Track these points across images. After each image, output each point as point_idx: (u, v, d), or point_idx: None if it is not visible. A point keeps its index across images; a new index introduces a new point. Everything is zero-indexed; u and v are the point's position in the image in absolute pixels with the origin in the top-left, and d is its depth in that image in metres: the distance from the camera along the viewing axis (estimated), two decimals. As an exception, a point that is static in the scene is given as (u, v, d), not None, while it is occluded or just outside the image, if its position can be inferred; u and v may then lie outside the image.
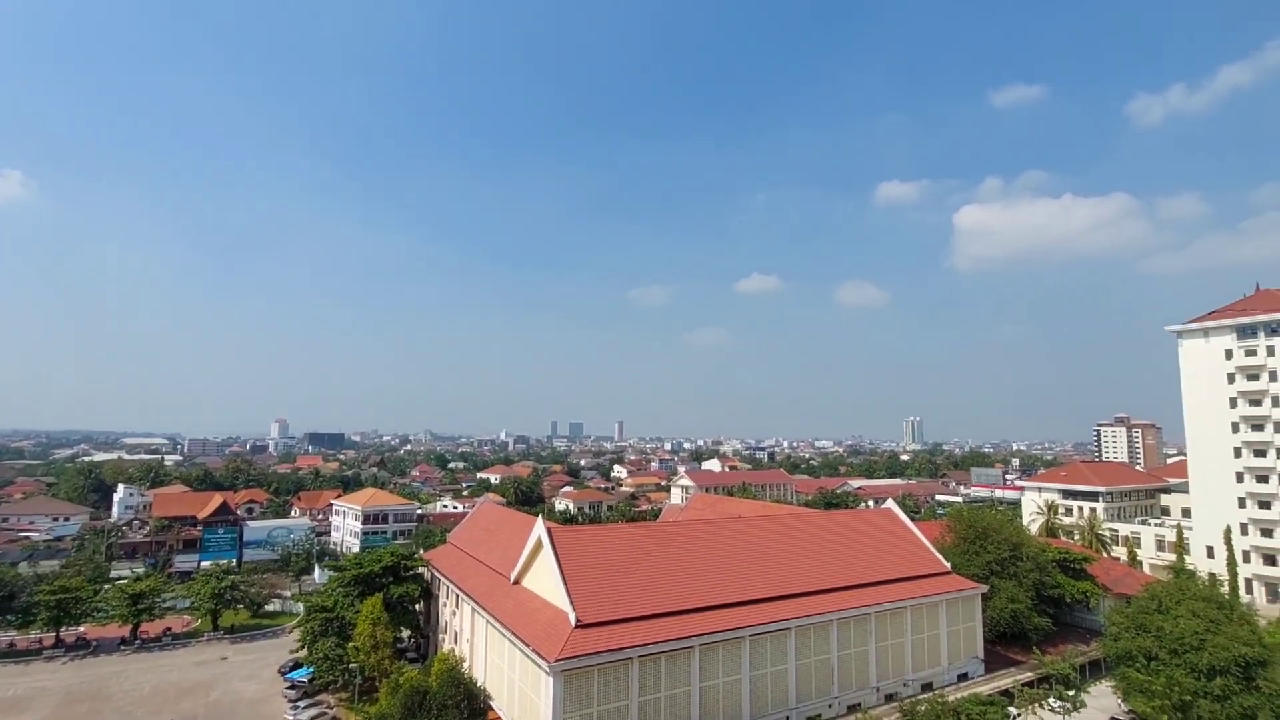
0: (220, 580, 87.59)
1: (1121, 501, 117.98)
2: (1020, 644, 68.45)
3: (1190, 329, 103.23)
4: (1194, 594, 55.40)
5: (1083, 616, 76.36)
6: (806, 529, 66.72)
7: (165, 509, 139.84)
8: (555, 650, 42.43)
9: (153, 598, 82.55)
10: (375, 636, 59.82)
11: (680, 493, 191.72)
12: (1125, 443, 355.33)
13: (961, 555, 70.69)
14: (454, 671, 51.59)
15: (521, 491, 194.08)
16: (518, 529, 64.53)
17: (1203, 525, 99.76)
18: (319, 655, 63.16)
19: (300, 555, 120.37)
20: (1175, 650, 51.00)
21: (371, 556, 71.52)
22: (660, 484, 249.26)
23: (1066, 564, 74.54)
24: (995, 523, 75.02)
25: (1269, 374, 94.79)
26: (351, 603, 66.15)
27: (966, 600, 64.58)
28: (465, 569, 66.89)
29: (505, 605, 53.10)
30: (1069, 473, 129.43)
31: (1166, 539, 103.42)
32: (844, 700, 55.04)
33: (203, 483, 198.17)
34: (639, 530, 62.55)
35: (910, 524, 72.11)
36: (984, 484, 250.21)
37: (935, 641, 61.85)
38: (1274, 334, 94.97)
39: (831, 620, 54.94)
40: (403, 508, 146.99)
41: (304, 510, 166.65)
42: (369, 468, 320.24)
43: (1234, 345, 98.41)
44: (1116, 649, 55.42)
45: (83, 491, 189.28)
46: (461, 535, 78.62)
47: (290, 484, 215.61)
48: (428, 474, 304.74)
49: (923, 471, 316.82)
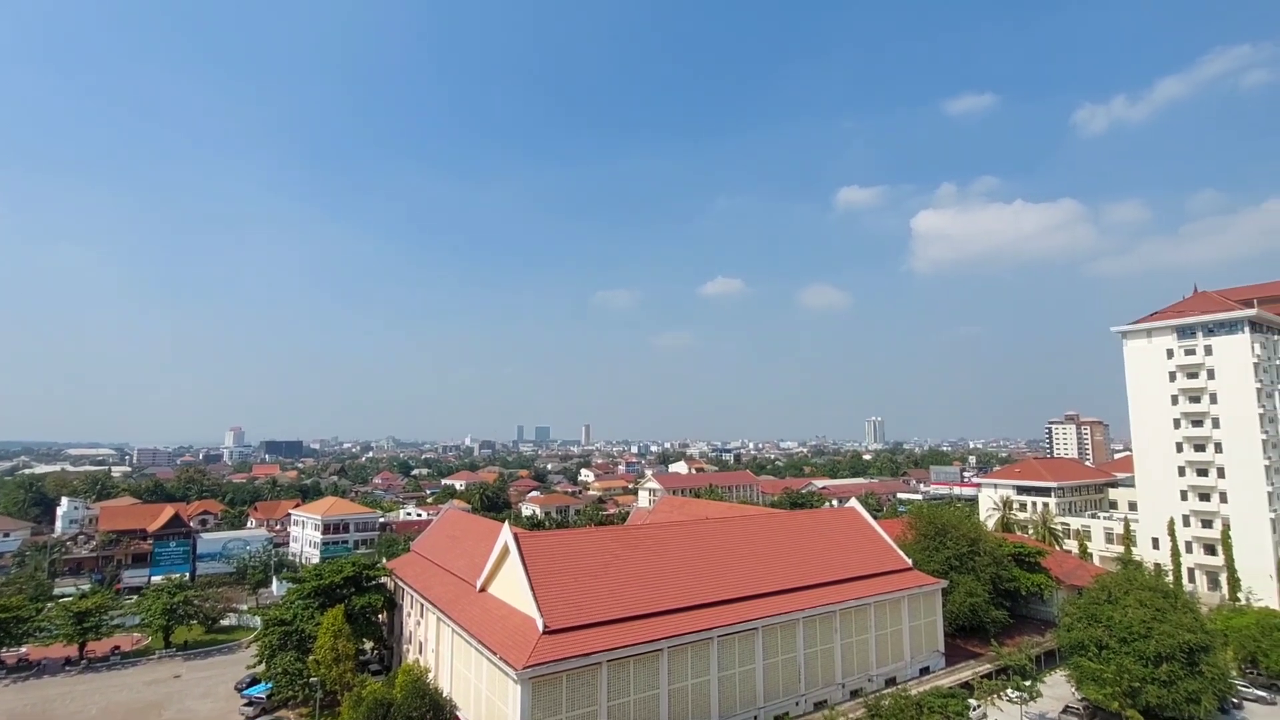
0: (172, 595, 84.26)
1: (1072, 496, 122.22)
2: (979, 637, 70.30)
3: (1134, 329, 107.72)
4: (1141, 584, 57.90)
5: (1038, 608, 78.76)
6: (772, 530, 67.45)
7: (113, 522, 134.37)
8: (523, 657, 42.03)
9: (100, 615, 78.95)
10: (337, 649, 58.30)
11: (648, 495, 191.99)
12: (1075, 439, 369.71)
13: (922, 551, 72.34)
14: (419, 682, 50.67)
15: (487, 497, 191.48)
16: (484, 535, 63.78)
17: (1148, 518, 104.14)
18: (278, 670, 61.25)
19: (257, 567, 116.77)
20: (1124, 639, 53.22)
21: (332, 567, 69.74)
22: (627, 487, 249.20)
23: (1021, 558, 76.69)
24: (954, 519, 76.94)
25: (1207, 372, 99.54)
26: (311, 615, 64.33)
27: (927, 595, 66.09)
28: (430, 577, 65.79)
29: (471, 613, 52.40)
30: (1022, 469, 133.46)
31: (1115, 532, 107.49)
32: (810, 698, 55.77)
33: (153, 494, 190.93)
34: (606, 534, 62.40)
35: (873, 522, 73.53)
36: (943, 481, 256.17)
37: (898, 637, 63.12)
38: (1211, 334, 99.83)
39: (797, 619, 55.63)
40: (364, 516, 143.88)
41: (261, 521, 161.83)
42: (329, 476, 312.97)
43: (1175, 345, 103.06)
44: (1069, 639, 57.52)
45: (23, 506, 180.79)
46: (426, 543, 77.33)
47: (246, 494, 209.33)
48: (390, 481, 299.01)
49: (884, 470, 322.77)
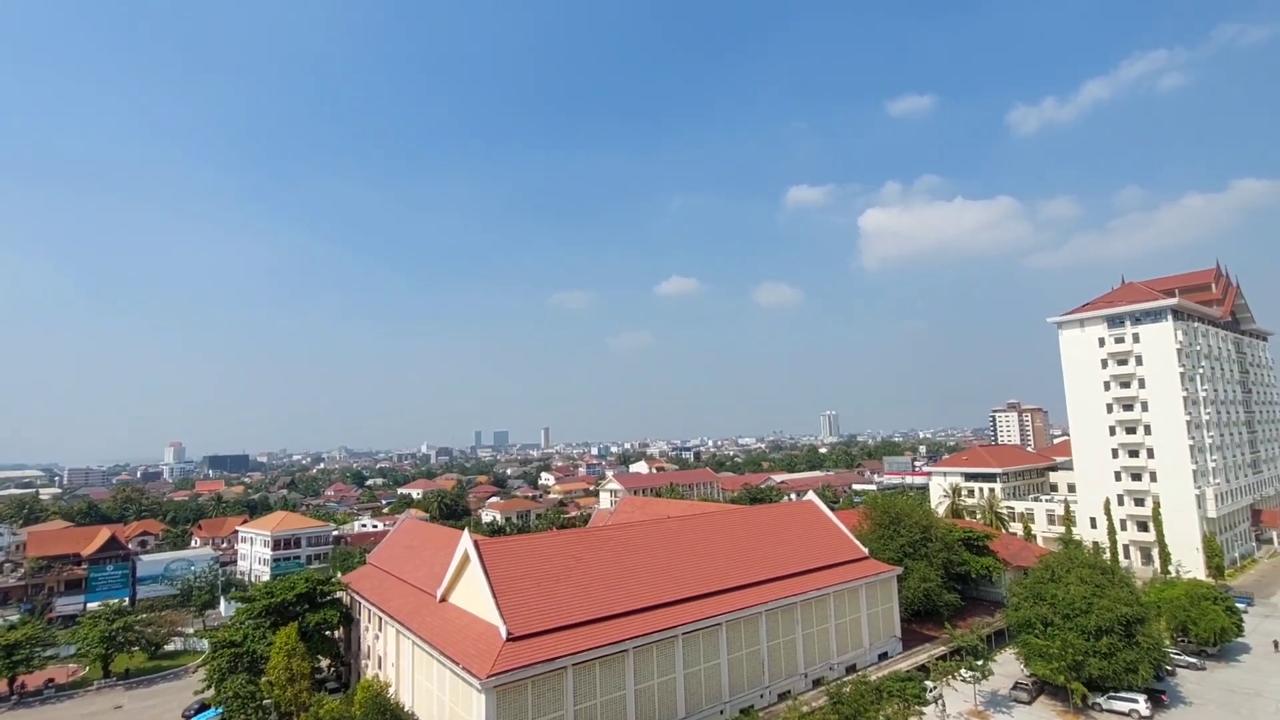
0: (111, 622, 79.75)
1: (1016, 481, 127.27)
2: (933, 620, 72.56)
3: (1068, 320, 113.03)
4: (1081, 562, 60.68)
5: (987, 590, 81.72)
6: (733, 525, 68.17)
7: (42, 548, 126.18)
8: (486, 666, 41.40)
9: (30, 647, 74.25)
10: (291, 669, 56.26)
11: (609, 497, 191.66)
12: (1017, 426, 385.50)
13: (878, 540, 74.25)
14: (379, 698, 49.35)
15: (446, 505, 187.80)
16: (443, 544, 62.55)
17: (1086, 499, 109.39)
18: (228, 694, 58.64)
19: (203, 588, 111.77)
20: (1067, 615, 55.71)
21: (284, 584, 67.23)
22: (588, 489, 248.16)
23: (971, 542, 79.42)
24: (907, 507, 79.28)
25: (1135, 359, 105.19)
26: (263, 634, 61.94)
27: (884, 583, 67.89)
28: (388, 590, 64.16)
29: (432, 624, 51.34)
30: (969, 457, 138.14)
31: (1056, 513, 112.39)
32: (774, 689, 56.62)
33: (87, 516, 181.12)
34: (569, 537, 62.00)
35: (830, 514, 75.08)
36: (895, 471, 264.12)
37: (857, 625, 64.65)
38: (1138, 323, 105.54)
39: (760, 612, 56.39)
40: (317, 530, 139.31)
41: (206, 540, 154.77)
42: (278, 490, 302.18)
43: (1105, 334, 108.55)
44: (1017, 618, 59.86)
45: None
46: (382, 555, 75.38)
47: (189, 512, 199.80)
48: (344, 493, 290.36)
49: (840, 463, 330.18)
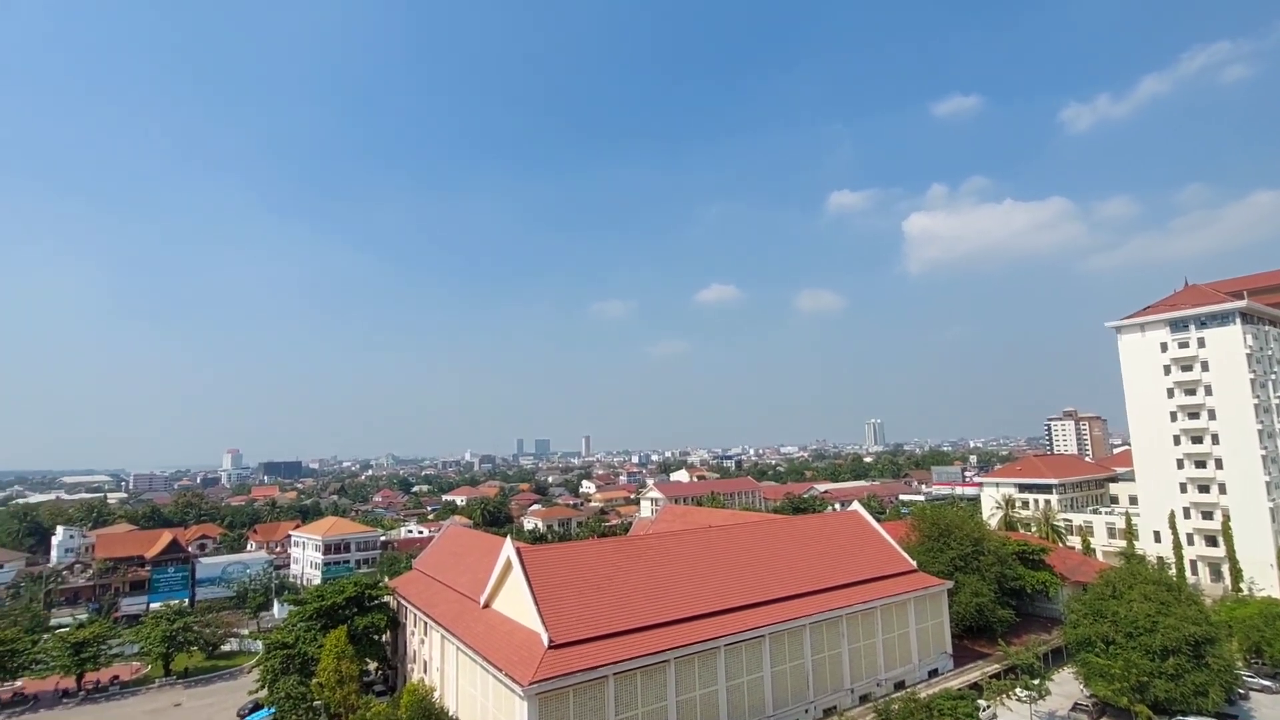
0: (171, 622, 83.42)
1: (1074, 492, 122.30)
2: (986, 637, 70.09)
3: (1128, 324, 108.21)
4: (1145, 578, 57.74)
5: (1043, 606, 78.58)
6: (776, 535, 67.21)
7: (109, 550, 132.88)
8: (529, 673, 41.66)
9: (97, 645, 78.03)
10: (340, 671, 57.63)
11: (649, 505, 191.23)
12: (1074, 435, 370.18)
13: (926, 553, 72.19)
14: (424, 702, 50.13)
15: (489, 512, 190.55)
16: (486, 551, 63.36)
17: (1149, 511, 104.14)
18: (280, 694, 60.47)
19: (258, 591, 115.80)
20: (1130, 633, 53.05)
21: (334, 588, 69.20)
22: (629, 497, 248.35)
23: (1025, 556, 76.63)
24: (957, 519, 76.87)
25: (1200, 365, 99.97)
26: (314, 637, 63.75)
27: (933, 597, 65.86)
28: (433, 595, 65.29)
29: (476, 630, 51.98)
30: (1023, 467, 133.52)
31: (1117, 526, 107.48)
32: (820, 704, 55.39)
33: (150, 520, 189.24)
34: (609, 545, 62.02)
35: (876, 525, 73.35)
36: (944, 482, 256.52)
37: (905, 640, 62.84)
38: (1204, 327, 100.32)
39: (804, 625, 55.32)
40: (365, 535, 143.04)
41: (261, 543, 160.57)
42: (329, 496, 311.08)
43: (1168, 339, 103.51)
44: (1076, 635, 57.32)
45: (18, 536, 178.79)
46: (428, 560, 76.81)
47: (245, 517, 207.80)
48: (391, 499, 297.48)
49: (885, 472, 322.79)
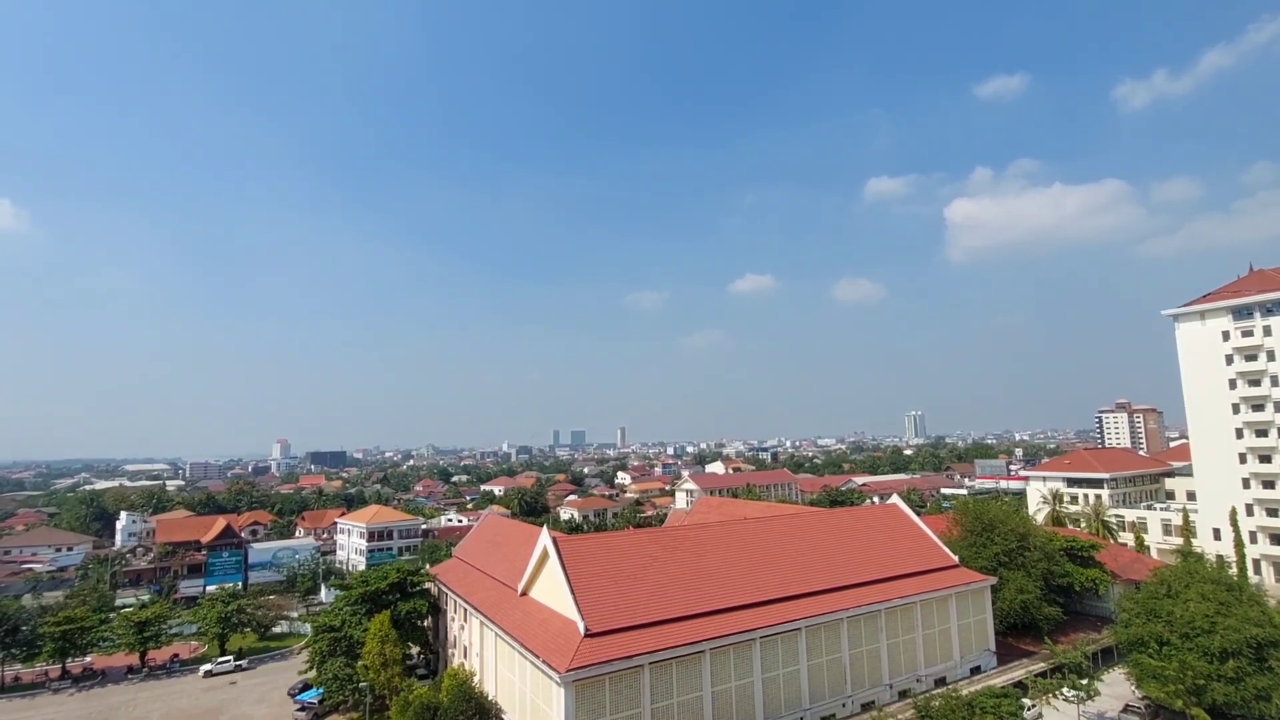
0: (226, 604, 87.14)
1: (1126, 487, 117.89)
2: (1031, 634, 68.25)
3: (1186, 312, 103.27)
4: (1202, 577, 55.30)
5: (1093, 604, 76.13)
6: (813, 528, 66.53)
7: (169, 534, 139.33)
8: (565, 661, 42.23)
9: (159, 625, 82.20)
10: (384, 654, 59.51)
11: (685, 497, 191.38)
12: (1127, 428, 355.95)
13: (969, 548, 70.56)
14: (464, 686, 51.29)
15: (526, 502, 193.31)
16: (523, 540, 64.33)
17: (1208, 508, 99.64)
18: (328, 676, 62.73)
19: (306, 575, 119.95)
20: (1186, 634, 50.91)
21: (378, 574, 71.22)
22: (664, 489, 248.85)
23: (1074, 552, 74.34)
24: (1001, 514, 74.87)
25: (1266, 354, 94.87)
26: (359, 621, 65.87)
27: (976, 593, 64.37)
28: (472, 582, 66.64)
29: (514, 617, 52.89)
30: (1072, 460, 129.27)
31: (1173, 523, 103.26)
32: (857, 699, 54.81)
33: (205, 506, 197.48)
34: (645, 536, 62.33)
35: (916, 519, 71.92)
36: (988, 475, 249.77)
37: (946, 635, 61.63)
38: (1270, 314, 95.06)
39: (841, 619, 54.74)
40: (407, 523, 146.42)
41: (308, 530, 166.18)
42: (372, 485, 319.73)
43: (1230, 327, 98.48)
44: (1128, 635, 55.28)
45: (85, 521, 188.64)
46: (467, 549, 78.38)
47: (294, 504, 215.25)
48: (431, 488, 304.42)
49: (926, 465, 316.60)
